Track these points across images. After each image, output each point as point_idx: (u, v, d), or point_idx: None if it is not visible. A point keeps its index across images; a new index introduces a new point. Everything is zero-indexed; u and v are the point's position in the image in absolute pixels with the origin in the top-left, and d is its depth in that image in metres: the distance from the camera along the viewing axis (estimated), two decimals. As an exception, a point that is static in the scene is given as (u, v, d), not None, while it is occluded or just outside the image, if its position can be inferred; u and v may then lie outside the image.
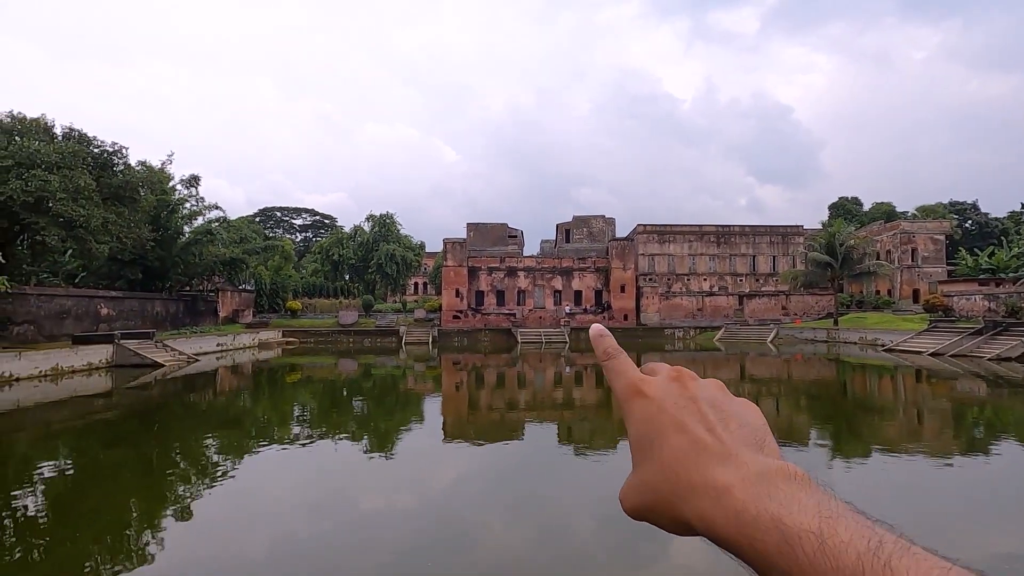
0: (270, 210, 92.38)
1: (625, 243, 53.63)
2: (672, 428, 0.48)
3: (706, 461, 0.44)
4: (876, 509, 0.30)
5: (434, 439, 14.41)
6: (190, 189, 42.62)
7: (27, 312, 29.00)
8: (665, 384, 0.53)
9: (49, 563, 7.26)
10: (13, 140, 26.75)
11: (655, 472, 0.47)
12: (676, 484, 0.45)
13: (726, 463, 0.43)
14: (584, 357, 35.93)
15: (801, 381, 25.23)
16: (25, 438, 14.92)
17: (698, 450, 0.45)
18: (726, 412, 0.49)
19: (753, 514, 0.38)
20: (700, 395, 0.51)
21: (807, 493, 0.39)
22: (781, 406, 18.92)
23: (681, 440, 0.47)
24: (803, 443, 13.26)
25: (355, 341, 45.60)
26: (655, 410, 0.50)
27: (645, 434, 0.50)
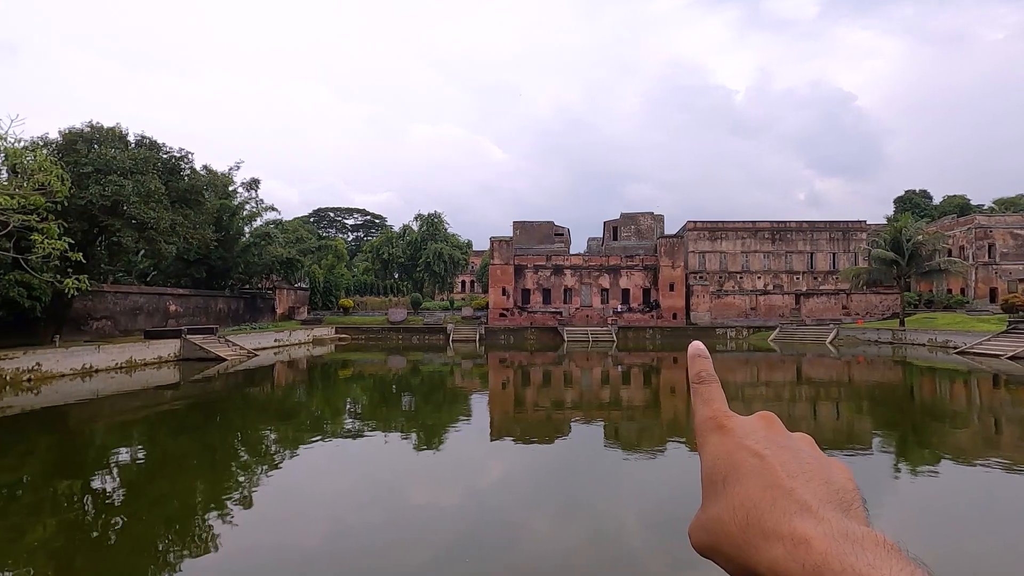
0: (323, 210, 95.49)
1: (674, 240, 52.47)
2: (749, 469, 0.45)
3: (783, 508, 0.40)
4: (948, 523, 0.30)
5: (481, 437, 14.54)
6: (250, 192, 44.71)
7: (105, 308, 31.13)
8: (751, 423, 0.50)
9: (125, 542, 7.78)
10: (92, 148, 28.71)
11: (725, 511, 0.43)
12: (747, 529, 0.41)
13: (806, 515, 0.40)
14: (631, 356, 35.41)
15: (864, 384, 24.00)
16: (103, 426, 16.03)
17: (776, 496, 0.42)
18: (812, 467, 0.46)
19: (836, 570, 0.35)
20: (785, 443, 0.48)
21: (898, 562, 0.35)
22: (842, 410, 18.06)
23: (757, 483, 0.43)
24: (866, 449, 12.62)
25: (404, 338, 46.57)
26: (733, 446, 0.47)
27: (720, 470, 0.47)
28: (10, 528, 8.20)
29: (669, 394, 22.06)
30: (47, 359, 22.19)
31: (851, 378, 26.16)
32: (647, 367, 30.54)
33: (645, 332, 48.20)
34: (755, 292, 53.44)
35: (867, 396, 21.02)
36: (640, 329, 48.55)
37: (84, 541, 7.87)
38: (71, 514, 8.89)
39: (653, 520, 8.30)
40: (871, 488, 9.76)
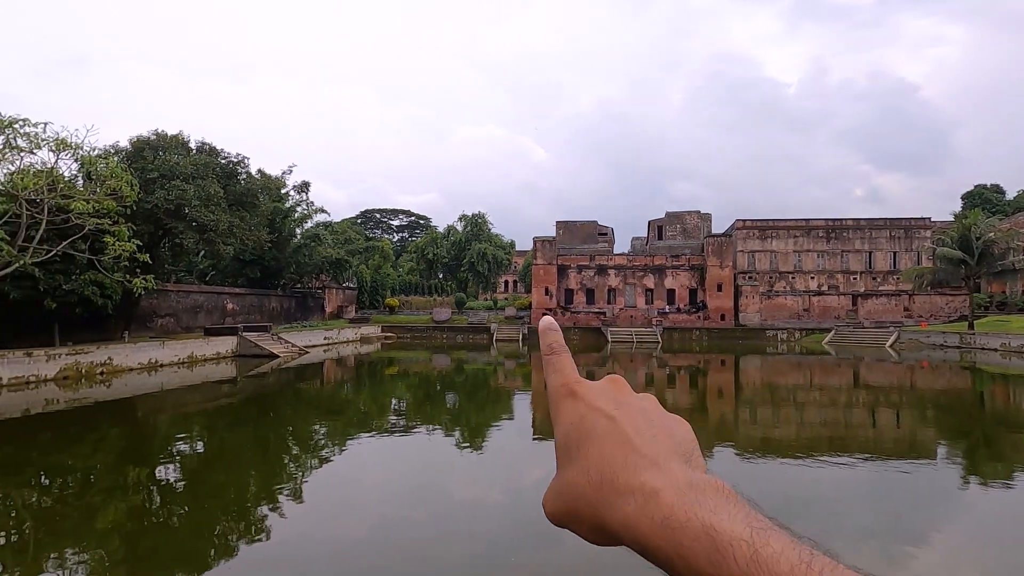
0: (370, 212, 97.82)
1: (722, 239, 51.06)
2: (601, 430, 0.46)
3: (634, 464, 0.42)
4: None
5: (524, 436, 14.59)
6: (301, 194, 46.27)
7: (168, 306, 32.90)
8: (600, 387, 0.51)
9: (186, 528, 8.21)
10: (158, 155, 30.41)
11: (580, 474, 0.44)
12: (601, 487, 0.42)
13: (654, 469, 0.41)
14: (677, 358, 34.71)
15: (928, 391, 22.71)
16: (167, 418, 16.96)
17: (626, 453, 0.43)
18: (656, 423, 0.48)
19: (682, 520, 0.37)
20: (633, 402, 0.50)
21: (736, 505, 0.38)
22: (904, 418, 17.15)
23: (609, 443, 0.45)
24: (930, 460, 11.95)
25: (448, 337, 47.17)
26: (585, 409, 0.48)
27: (573, 435, 0.47)
28: (86, 510, 8.79)
29: (716, 397, 21.51)
30: (117, 354, 23.64)
31: (914, 384, 24.81)
32: (693, 369, 29.87)
33: (691, 333, 47.12)
34: (808, 293, 51.40)
35: (932, 403, 19.88)
36: (686, 330, 47.50)
37: (150, 525, 8.36)
38: (138, 499, 9.45)
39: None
40: (935, 500, 9.25)
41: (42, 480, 10.49)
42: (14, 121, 19.76)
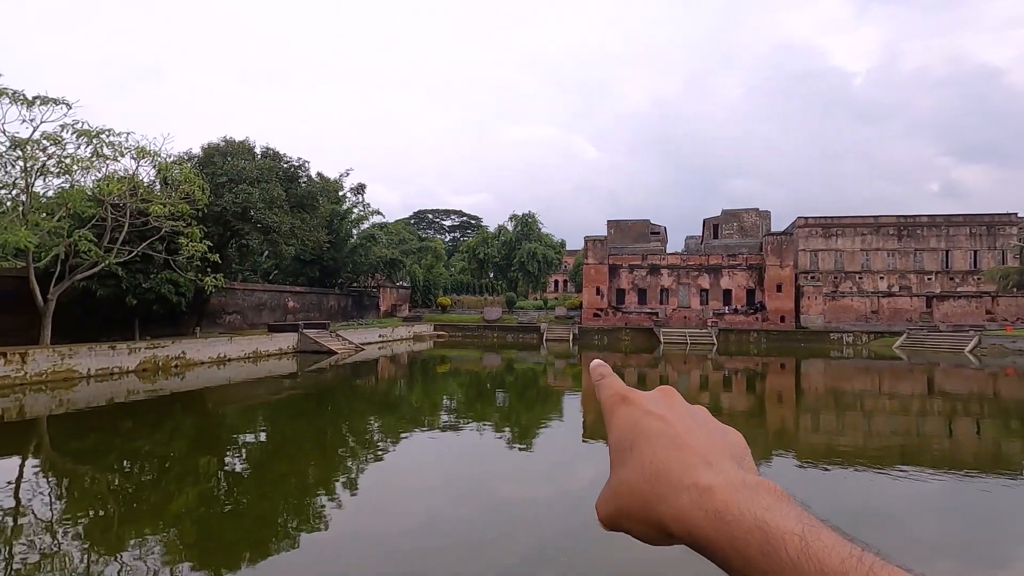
0: (423, 212, 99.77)
1: (783, 238, 49.00)
2: (654, 431, 0.48)
3: (688, 462, 0.44)
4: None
5: (574, 436, 14.52)
6: (357, 196, 47.82)
7: (235, 304, 34.72)
8: (653, 395, 0.53)
9: (251, 515, 8.66)
10: (226, 160, 32.15)
11: (634, 472, 0.46)
12: (656, 484, 0.44)
13: (708, 467, 0.43)
14: (733, 361, 33.60)
15: (1015, 400, 21.01)
16: (234, 409, 17.92)
17: (681, 452, 0.45)
18: (710, 428, 0.50)
19: (736, 514, 0.38)
20: (685, 409, 0.52)
21: (788, 504, 0.39)
22: (986, 428, 15.93)
23: (663, 442, 0.46)
24: (1015, 475, 11.06)
25: (498, 336, 47.50)
26: (640, 414, 0.50)
27: (627, 438, 0.49)
28: (162, 494, 9.42)
29: (776, 402, 20.70)
30: (190, 348, 25.17)
31: (997, 392, 23.01)
32: (751, 372, 28.83)
33: (749, 335, 45.49)
34: (877, 294, 48.56)
35: (1019, 414, 18.38)
36: (743, 332, 45.90)
37: (218, 510, 8.87)
38: (208, 486, 10.04)
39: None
40: (1018, 521, 8.57)
41: (124, 465, 11.31)
42: (101, 131, 21.38)
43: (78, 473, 10.69)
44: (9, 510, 8.50)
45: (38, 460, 11.75)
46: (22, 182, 20.54)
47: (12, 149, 19.78)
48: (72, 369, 19.96)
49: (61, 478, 10.45)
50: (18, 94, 19.44)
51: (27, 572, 6.36)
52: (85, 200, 21.19)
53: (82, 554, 6.96)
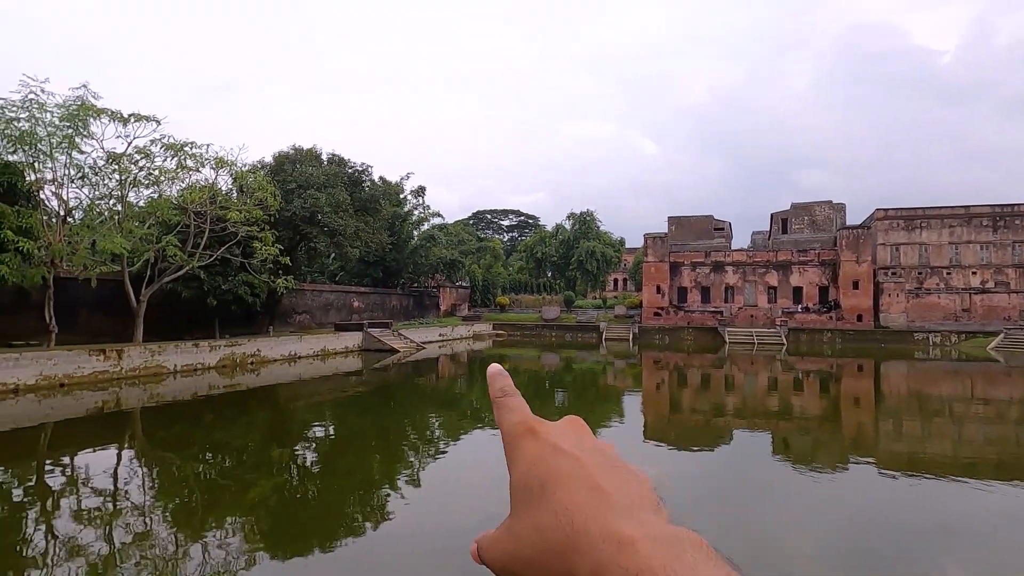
0: (481, 213, 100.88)
1: (859, 231, 46.07)
2: (568, 471, 0.43)
3: (607, 511, 0.39)
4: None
5: (634, 437, 14.25)
6: (418, 199, 48.97)
7: (304, 304, 36.41)
8: (560, 427, 0.48)
9: (320, 506, 9.04)
10: (295, 167, 33.77)
11: (546, 517, 0.41)
12: (572, 533, 0.39)
13: (628, 517, 0.39)
14: (805, 362, 31.93)
15: None
16: (304, 404, 18.79)
17: (599, 499, 0.40)
18: (620, 471, 0.45)
19: (658, 573, 0.35)
20: (595, 446, 0.46)
21: (715, 563, 0.36)
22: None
23: (577, 486, 0.41)
24: None
25: (557, 335, 47.34)
26: (549, 451, 0.45)
27: (535, 475, 0.44)
28: (239, 484, 10.02)
29: (852, 406, 19.50)
30: (264, 346, 26.61)
31: (1113, 399, 20.66)
32: (825, 374, 27.29)
33: (822, 335, 43.10)
34: (969, 291, 44.75)
35: None
36: (816, 332, 43.53)
37: (290, 501, 9.32)
38: (280, 477, 10.57)
39: (827, 550, 7.44)
40: None
41: (206, 455, 12.11)
42: (185, 144, 22.98)
43: (166, 461, 11.54)
44: (109, 493, 9.29)
45: (133, 448, 12.77)
46: (118, 193, 22.38)
47: (109, 163, 21.59)
48: (161, 365, 21.57)
49: (152, 465, 11.31)
50: (115, 113, 21.19)
51: (125, 550, 6.92)
52: (171, 208, 22.83)
53: (170, 536, 7.50)
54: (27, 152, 19.28)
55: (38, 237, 18.41)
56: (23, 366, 17.43)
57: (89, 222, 21.36)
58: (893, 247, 47.96)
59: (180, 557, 6.81)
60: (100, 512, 8.33)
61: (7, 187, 17.62)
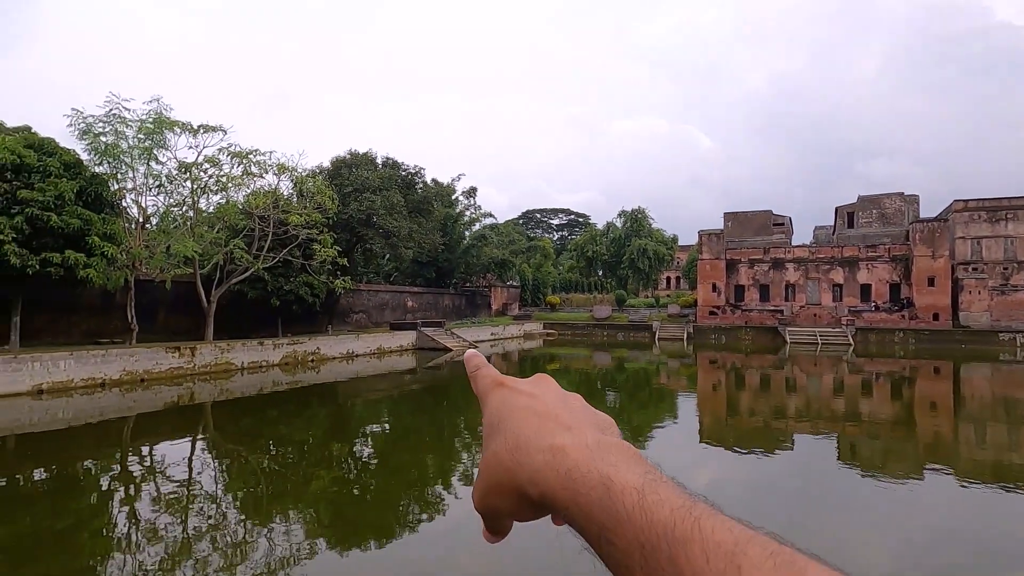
0: (531, 212, 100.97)
1: (935, 225, 43.11)
2: (521, 405, 0.50)
3: (551, 429, 0.46)
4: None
5: (689, 439, 13.90)
6: (469, 199, 49.54)
7: (361, 304, 37.55)
8: (527, 380, 0.55)
9: (377, 500, 9.32)
10: (352, 171, 34.89)
11: (499, 444, 0.47)
12: (516, 452, 0.45)
13: (566, 432, 0.45)
14: (875, 363, 30.19)
15: None
16: (362, 401, 19.39)
17: (542, 420, 0.47)
18: (577, 406, 0.52)
19: (583, 472, 0.40)
20: (558, 392, 0.53)
21: (636, 461, 0.41)
22: None
23: (528, 414, 0.48)
24: None
25: (608, 335, 46.78)
26: (509, 393, 0.52)
27: (496, 415, 0.51)
28: (301, 477, 10.45)
29: (928, 411, 18.28)
30: (324, 344, 27.65)
31: None
32: (896, 376, 25.70)
33: (893, 335, 40.62)
34: (1063, 287, 41.02)
35: None
36: (886, 332, 41.08)
37: (348, 494, 9.65)
38: (339, 471, 10.96)
39: (906, 566, 7.01)
40: None
41: (271, 447, 12.70)
42: (250, 152, 24.18)
43: (235, 452, 12.19)
44: (184, 481, 9.91)
45: (205, 440, 13.57)
46: (189, 200, 23.82)
47: (182, 172, 23.01)
48: (230, 362, 22.79)
49: (223, 456, 11.98)
50: (187, 124, 22.56)
51: (198, 534, 7.37)
52: (238, 213, 24.09)
53: (239, 523, 7.92)
54: (111, 164, 20.82)
55: (120, 242, 19.82)
56: (109, 362, 18.83)
57: (164, 227, 22.85)
58: (974, 241, 44.58)
59: (247, 543, 7.18)
60: (176, 498, 8.90)
61: (94, 197, 19.05)
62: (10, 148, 17.14)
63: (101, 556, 6.93)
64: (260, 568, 6.43)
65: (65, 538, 7.52)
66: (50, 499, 9.14)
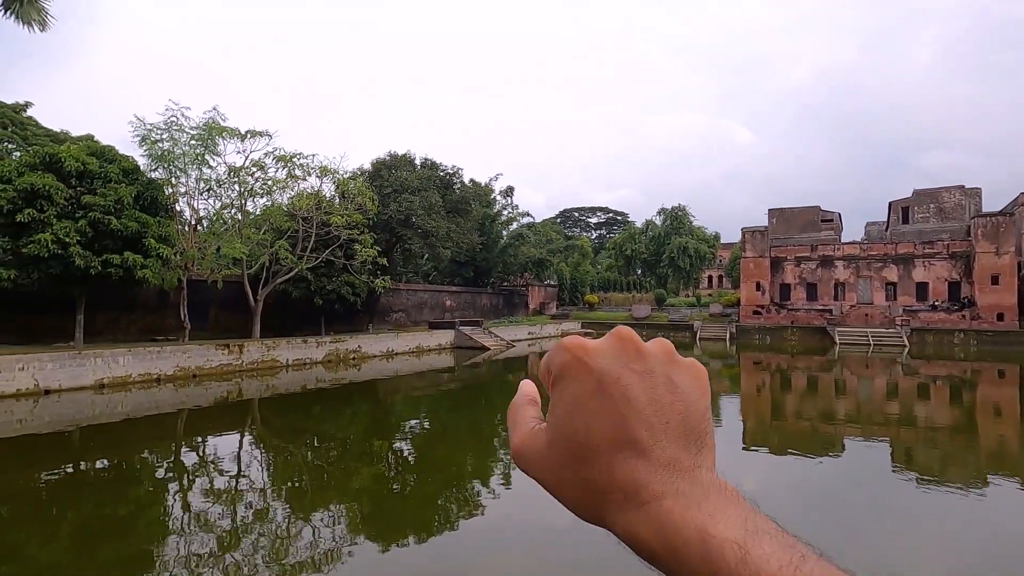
0: (568, 211, 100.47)
1: (999, 219, 40.63)
2: (619, 394, 0.41)
3: (637, 462, 0.39)
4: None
5: (732, 443, 13.54)
6: (506, 199, 49.67)
7: (400, 303, 38.17)
8: (612, 352, 0.43)
9: (416, 497, 9.44)
10: (391, 173, 35.49)
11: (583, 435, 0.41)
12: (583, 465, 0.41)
13: (659, 468, 0.39)
14: (932, 366, 28.72)
15: None
16: (401, 399, 19.70)
17: (630, 445, 0.40)
18: (671, 399, 0.42)
19: (679, 523, 0.36)
20: (653, 367, 0.43)
21: (735, 506, 0.37)
22: None
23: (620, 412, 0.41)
24: None
25: (647, 335, 43.43)
26: (593, 387, 0.42)
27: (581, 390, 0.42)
28: (343, 472, 10.70)
29: (991, 416, 17.26)
30: (365, 343, 28.23)
31: None
32: (956, 379, 24.38)
33: (952, 336, 38.54)
34: None
35: None
36: (945, 332, 39.01)
37: (388, 490, 9.81)
38: (380, 467, 11.16)
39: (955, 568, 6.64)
40: None
41: (315, 443, 13.05)
42: (294, 156, 24.92)
43: (281, 447, 12.58)
44: (233, 473, 10.29)
45: (252, 434, 14.06)
46: (238, 203, 24.72)
47: (231, 176, 23.91)
48: (275, 359, 23.54)
49: (269, 450, 12.38)
50: (235, 130, 23.43)
51: (245, 525, 7.63)
52: (283, 215, 24.87)
53: (285, 515, 8.17)
54: (166, 169, 21.83)
55: (174, 244, 20.75)
56: (164, 359, 19.75)
57: (215, 230, 23.79)
58: (1043, 236, 41.76)
59: (292, 535, 7.39)
60: (226, 490, 9.25)
61: (151, 201, 20.00)
62: (75, 156, 18.18)
63: (157, 542, 7.27)
64: (303, 557, 6.61)
65: (125, 524, 7.93)
66: (111, 487, 9.65)
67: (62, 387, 16.80)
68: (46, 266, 17.32)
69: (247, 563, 6.51)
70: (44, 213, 17.15)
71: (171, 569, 6.33)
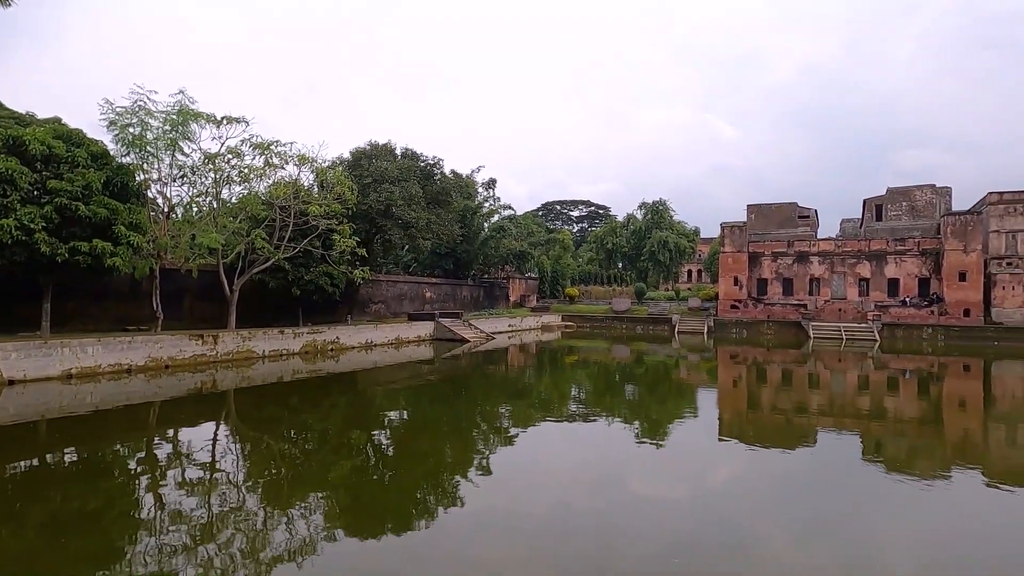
0: (551, 204, 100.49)
1: (967, 218, 41.82)
2: None
3: None
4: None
5: (708, 434, 13.75)
6: (488, 191, 49.49)
7: (380, 294, 37.85)
8: None
9: (395, 489, 9.39)
10: (371, 163, 35.03)
11: None
12: None
13: None
14: (901, 360, 29.51)
15: None
16: (380, 391, 19.56)
17: None
18: None
19: None
20: None
21: None
22: None
23: None
24: None
25: (627, 328, 46.48)
26: None
27: None
28: (320, 464, 10.59)
29: (957, 408, 17.80)
30: (343, 334, 27.94)
31: None
32: (924, 373, 25.09)
33: (921, 331, 39.65)
34: (1103, 283, 39.50)
35: None
36: (914, 327, 40.12)
37: (367, 482, 9.74)
38: (358, 458, 11.07)
39: (931, 568, 6.84)
40: None
41: (291, 435, 12.89)
42: (271, 144, 24.41)
43: (256, 439, 12.40)
44: (207, 465, 10.11)
45: (228, 426, 13.83)
46: (213, 190, 24.17)
47: (206, 163, 23.34)
48: (251, 350, 23.17)
49: (244, 442, 12.19)
50: (210, 116, 22.85)
51: (221, 518, 7.50)
52: (259, 204, 24.39)
53: (260, 508, 8.05)
54: (137, 155, 21.20)
55: (146, 232, 20.21)
56: (135, 349, 19.29)
57: (189, 218, 23.24)
58: (1009, 235, 43.12)
59: (269, 528, 7.29)
60: (199, 483, 9.08)
61: (120, 187, 19.44)
62: (40, 139, 17.55)
63: (128, 535, 7.10)
64: (279, 551, 6.52)
65: (94, 518, 7.73)
66: (80, 480, 9.40)
67: (27, 377, 16.32)
68: (10, 253, 16.76)
69: (221, 556, 6.41)
70: (7, 198, 16.56)
71: (143, 562, 6.19)
